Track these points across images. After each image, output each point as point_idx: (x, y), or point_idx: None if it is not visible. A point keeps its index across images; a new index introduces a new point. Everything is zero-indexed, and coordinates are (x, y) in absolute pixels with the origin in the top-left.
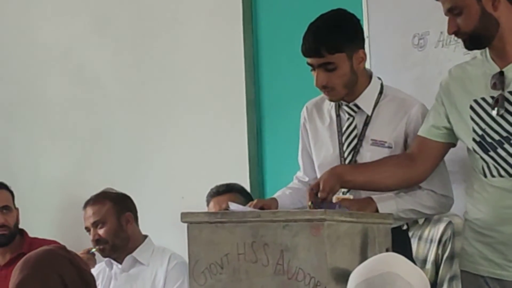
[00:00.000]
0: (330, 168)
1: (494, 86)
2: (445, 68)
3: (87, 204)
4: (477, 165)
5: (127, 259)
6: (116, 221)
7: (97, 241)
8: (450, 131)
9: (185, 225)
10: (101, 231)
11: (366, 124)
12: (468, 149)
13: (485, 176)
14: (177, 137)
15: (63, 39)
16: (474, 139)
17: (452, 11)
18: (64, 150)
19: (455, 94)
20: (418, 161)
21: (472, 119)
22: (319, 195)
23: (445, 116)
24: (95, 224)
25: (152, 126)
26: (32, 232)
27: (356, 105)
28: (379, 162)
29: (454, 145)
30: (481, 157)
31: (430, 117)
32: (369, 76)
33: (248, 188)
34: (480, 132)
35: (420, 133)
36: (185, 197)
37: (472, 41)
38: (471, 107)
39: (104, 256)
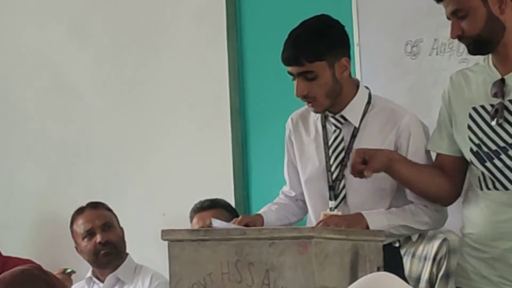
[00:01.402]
0: (382, 150)
1: (494, 95)
2: (439, 76)
3: (85, 208)
4: (473, 177)
5: (110, 278)
6: (120, 229)
7: (106, 243)
8: None
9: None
10: (110, 234)
11: (353, 136)
12: (467, 161)
13: (481, 189)
14: (159, 150)
15: (40, 46)
16: (471, 149)
17: (456, 14)
18: (40, 162)
19: (455, 102)
20: (448, 177)
21: (470, 127)
22: (365, 172)
23: (451, 126)
24: (104, 226)
25: (132, 138)
26: (5, 251)
27: (342, 117)
28: (422, 165)
29: None
30: (478, 169)
31: (443, 132)
32: (355, 85)
33: (232, 203)
34: (477, 142)
35: (441, 151)
36: (166, 213)
37: (476, 46)
38: (470, 116)
39: (104, 262)
